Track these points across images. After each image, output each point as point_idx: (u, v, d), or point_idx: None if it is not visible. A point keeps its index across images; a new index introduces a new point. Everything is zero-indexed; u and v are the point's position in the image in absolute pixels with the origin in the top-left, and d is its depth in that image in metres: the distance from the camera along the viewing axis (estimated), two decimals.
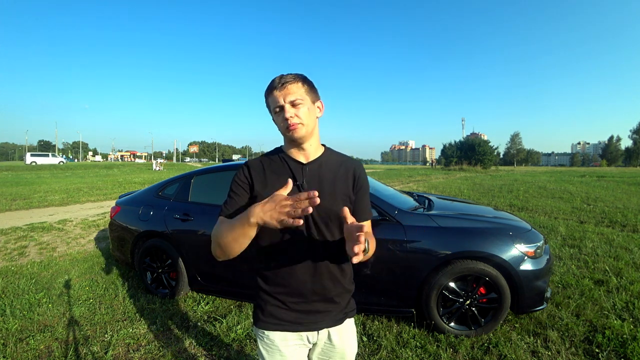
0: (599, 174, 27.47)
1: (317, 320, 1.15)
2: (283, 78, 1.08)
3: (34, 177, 20.32)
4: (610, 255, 4.45)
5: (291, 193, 0.96)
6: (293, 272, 1.12)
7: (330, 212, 1.10)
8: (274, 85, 1.08)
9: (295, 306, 1.12)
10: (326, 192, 1.10)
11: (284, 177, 1.09)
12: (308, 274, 1.12)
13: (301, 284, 1.12)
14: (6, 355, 2.37)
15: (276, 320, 1.12)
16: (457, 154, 44.71)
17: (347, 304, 1.21)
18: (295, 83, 1.08)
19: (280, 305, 1.13)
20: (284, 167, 1.14)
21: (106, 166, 36.78)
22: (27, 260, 4.56)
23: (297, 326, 1.13)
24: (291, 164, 1.14)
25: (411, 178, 21.49)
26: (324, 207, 1.06)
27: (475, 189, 13.27)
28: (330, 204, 1.10)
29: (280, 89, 1.07)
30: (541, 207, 8.46)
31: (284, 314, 1.12)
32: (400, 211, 2.72)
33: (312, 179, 1.13)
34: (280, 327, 1.12)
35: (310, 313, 1.14)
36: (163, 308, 3.07)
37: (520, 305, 2.55)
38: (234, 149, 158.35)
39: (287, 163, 1.14)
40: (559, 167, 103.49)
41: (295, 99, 1.07)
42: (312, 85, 1.14)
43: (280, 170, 1.14)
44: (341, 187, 1.15)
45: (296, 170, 1.13)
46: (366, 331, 2.65)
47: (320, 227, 1.11)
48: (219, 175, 3.55)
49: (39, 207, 8.98)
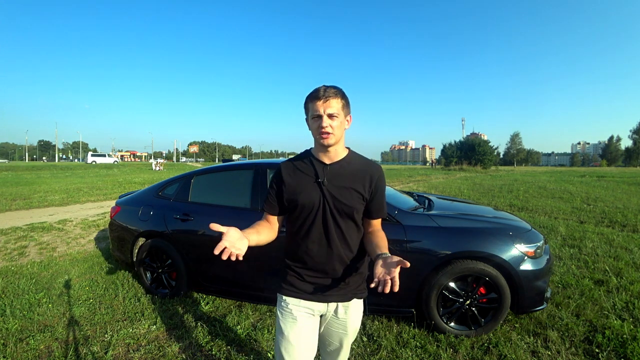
0: (599, 174, 27.48)
1: (327, 294, 1.35)
2: (327, 92, 1.25)
3: (34, 177, 20.32)
4: (610, 255, 4.45)
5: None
6: (311, 252, 1.34)
7: (344, 206, 1.31)
8: (318, 95, 1.25)
9: (310, 279, 1.35)
10: (343, 189, 1.31)
11: (309, 175, 1.33)
12: (323, 256, 1.33)
13: (317, 263, 1.34)
14: (6, 355, 2.37)
15: (293, 289, 1.36)
16: (457, 154, 44.72)
17: (358, 286, 1.41)
18: (336, 98, 1.26)
19: (298, 277, 1.36)
20: (310, 167, 1.35)
21: (106, 166, 36.79)
22: (27, 260, 4.56)
23: (309, 295, 1.34)
24: (316, 164, 1.34)
25: (411, 178, 21.50)
26: (340, 202, 1.30)
27: (475, 189, 13.28)
28: (346, 200, 1.31)
29: (323, 100, 1.24)
30: (541, 207, 8.46)
31: (301, 284, 1.35)
32: (400, 211, 2.72)
33: (332, 177, 1.32)
34: (296, 294, 1.35)
35: (322, 287, 1.35)
36: (163, 308, 3.07)
37: (520, 305, 2.55)
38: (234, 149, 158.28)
39: (313, 164, 1.35)
40: (559, 167, 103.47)
41: (333, 112, 1.25)
42: (348, 102, 1.32)
43: (307, 169, 1.35)
44: (357, 186, 1.33)
45: (319, 170, 1.33)
46: (366, 331, 2.65)
47: (336, 218, 1.32)
48: (219, 175, 3.56)
49: (39, 207, 8.97)
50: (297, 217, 1.35)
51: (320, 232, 1.33)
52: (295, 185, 1.34)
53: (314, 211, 1.32)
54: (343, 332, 1.42)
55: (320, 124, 1.25)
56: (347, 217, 1.33)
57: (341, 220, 1.33)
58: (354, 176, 1.34)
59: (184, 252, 3.17)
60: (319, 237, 1.33)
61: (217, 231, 1.07)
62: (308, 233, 1.33)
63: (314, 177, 1.33)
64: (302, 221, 1.34)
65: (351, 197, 1.32)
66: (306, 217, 1.33)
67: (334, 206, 1.31)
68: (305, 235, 1.34)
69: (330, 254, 1.34)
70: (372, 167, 1.38)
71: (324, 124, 1.24)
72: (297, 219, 1.36)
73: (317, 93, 1.25)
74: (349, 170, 1.34)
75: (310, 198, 1.31)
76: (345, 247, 1.35)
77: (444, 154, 48.11)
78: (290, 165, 1.38)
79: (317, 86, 1.29)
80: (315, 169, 1.34)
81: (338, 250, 1.33)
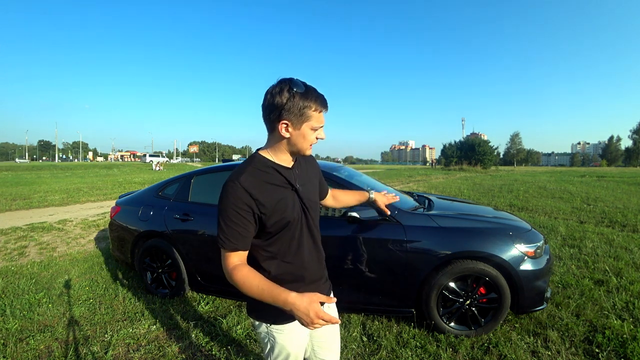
0: (599, 174, 27.47)
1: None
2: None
3: (34, 177, 20.32)
4: (610, 255, 4.45)
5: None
6: (308, 265, 1.24)
7: (316, 204, 1.30)
8: (326, 105, 1.13)
9: (308, 288, 1.19)
10: (310, 187, 1.28)
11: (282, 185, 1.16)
12: (314, 261, 1.27)
13: (313, 272, 1.27)
14: (6, 355, 2.37)
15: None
16: (457, 154, 44.70)
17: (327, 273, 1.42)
18: None
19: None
20: (276, 175, 1.17)
21: (106, 166, 36.79)
22: (27, 260, 4.56)
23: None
24: (282, 171, 1.17)
25: (411, 178, 21.49)
26: (312, 200, 1.27)
27: (475, 189, 13.27)
28: (315, 197, 1.31)
29: (326, 111, 1.14)
30: (541, 207, 8.46)
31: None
32: (400, 211, 2.72)
33: (301, 181, 1.24)
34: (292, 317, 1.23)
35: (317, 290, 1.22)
36: (163, 308, 3.07)
37: (520, 305, 2.54)
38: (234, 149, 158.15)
39: (278, 171, 1.17)
40: (559, 167, 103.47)
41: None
42: None
43: (275, 179, 1.16)
44: (314, 181, 1.34)
45: (289, 177, 1.19)
46: (366, 331, 2.65)
47: (313, 217, 1.27)
48: (219, 175, 3.56)
49: (39, 207, 8.98)
50: (281, 236, 1.17)
51: (309, 238, 1.24)
52: (274, 202, 1.12)
53: (299, 222, 1.20)
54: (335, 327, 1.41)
55: (319, 135, 1.15)
56: (318, 213, 1.31)
57: (316, 218, 1.28)
58: (310, 173, 1.31)
59: (184, 252, 3.17)
60: (309, 243, 1.24)
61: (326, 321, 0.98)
62: (300, 247, 1.21)
63: (289, 185, 1.18)
64: (292, 236, 1.19)
65: (315, 191, 1.33)
66: (294, 231, 1.19)
67: (309, 206, 1.24)
68: (297, 251, 1.21)
69: (319, 256, 1.30)
70: (310, 159, 1.34)
71: (323, 137, 1.17)
72: (281, 239, 1.17)
73: (326, 102, 1.12)
74: (303, 169, 1.28)
75: (295, 210, 1.18)
76: (320, 243, 1.32)
77: (444, 154, 48.10)
78: (254, 180, 1.11)
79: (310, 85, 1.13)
80: (285, 177, 1.17)
81: (319, 248, 1.31)
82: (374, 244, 2.61)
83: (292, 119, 1.08)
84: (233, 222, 1.07)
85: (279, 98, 1.06)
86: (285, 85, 1.07)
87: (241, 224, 1.08)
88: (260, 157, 1.18)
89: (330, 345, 1.41)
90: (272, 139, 1.16)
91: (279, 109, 1.06)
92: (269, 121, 1.12)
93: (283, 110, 1.06)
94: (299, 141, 1.12)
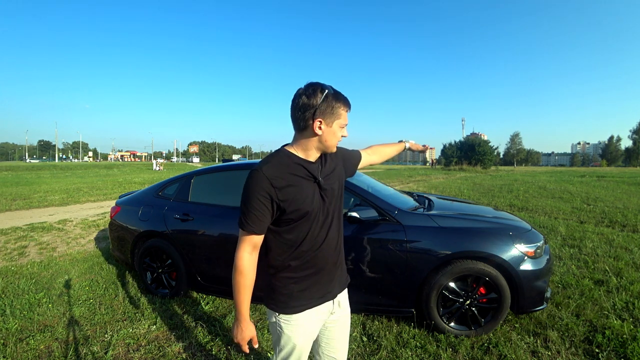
0: (599, 174, 27.46)
1: (334, 288, 1.36)
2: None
3: (34, 177, 20.33)
4: (610, 255, 4.45)
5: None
6: (322, 251, 1.28)
7: (338, 197, 1.34)
8: (349, 105, 1.24)
9: (321, 279, 1.30)
10: (333, 179, 1.32)
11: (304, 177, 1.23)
12: (332, 249, 1.31)
13: (328, 260, 1.31)
14: (6, 355, 2.37)
15: (305, 302, 1.27)
16: (457, 154, 44.74)
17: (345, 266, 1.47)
18: None
19: (311, 285, 1.28)
20: (300, 167, 1.24)
21: (106, 166, 36.80)
22: (27, 260, 4.56)
23: (321, 300, 1.31)
24: (305, 164, 1.25)
25: (411, 178, 21.49)
26: (335, 193, 1.32)
27: (475, 189, 13.28)
28: (338, 187, 1.35)
29: (350, 111, 1.25)
30: (541, 207, 8.46)
31: (314, 292, 1.29)
32: (400, 211, 2.72)
33: (324, 173, 1.29)
34: (308, 306, 1.28)
35: (331, 282, 1.34)
36: (163, 308, 3.07)
37: (520, 305, 2.55)
38: (234, 149, 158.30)
39: (302, 165, 1.25)
40: (559, 167, 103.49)
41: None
42: None
43: (298, 171, 1.24)
44: (338, 170, 1.38)
45: (312, 170, 1.26)
46: (366, 331, 2.65)
47: (335, 205, 1.32)
48: (219, 175, 3.56)
49: (39, 207, 8.98)
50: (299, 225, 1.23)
51: (328, 225, 1.29)
52: (294, 192, 1.20)
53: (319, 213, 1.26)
54: (345, 320, 1.45)
55: (344, 134, 1.26)
56: (340, 202, 1.36)
57: (338, 207, 1.34)
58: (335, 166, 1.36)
59: (184, 252, 3.17)
60: (327, 231, 1.29)
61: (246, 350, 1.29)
62: (317, 237, 1.26)
63: (312, 178, 1.24)
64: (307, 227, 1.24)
65: (340, 183, 1.37)
66: (312, 222, 1.25)
67: (332, 194, 1.31)
68: (315, 241, 1.26)
69: (336, 243, 1.34)
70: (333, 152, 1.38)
71: (346, 134, 1.27)
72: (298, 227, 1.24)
73: (349, 102, 1.24)
74: (328, 162, 1.33)
75: (315, 201, 1.24)
76: (340, 231, 1.37)
77: (444, 154, 48.13)
78: (277, 170, 1.20)
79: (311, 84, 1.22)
80: (306, 169, 1.24)
81: (339, 236, 1.36)
82: (374, 244, 2.61)
83: (326, 117, 1.19)
84: (253, 207, 1.18)
85: (313, 99, 1.17)
86: (317, 87, 1.18)
87: (259, 209, 1.18)
88: (285, 151, 1.27)
89: (339, 343, 1.46)
90: (302, 136, 1.24)
91: (314, 108, 1.17)
92: (303, 119, 1.19)
93: (318, 110, 1.17)
94: (329, 137, 1.23)
